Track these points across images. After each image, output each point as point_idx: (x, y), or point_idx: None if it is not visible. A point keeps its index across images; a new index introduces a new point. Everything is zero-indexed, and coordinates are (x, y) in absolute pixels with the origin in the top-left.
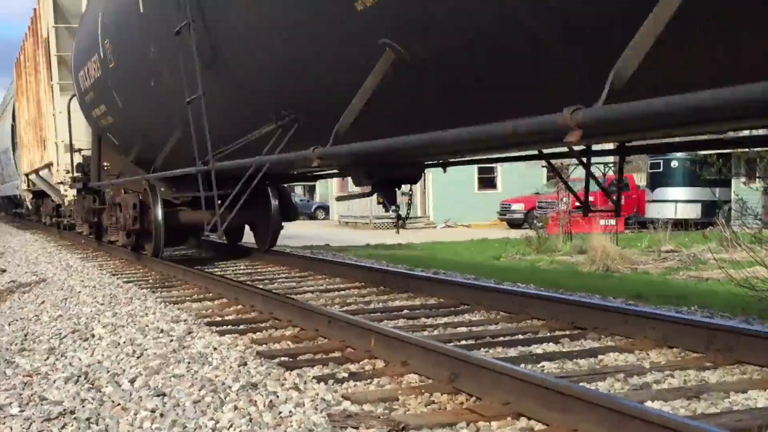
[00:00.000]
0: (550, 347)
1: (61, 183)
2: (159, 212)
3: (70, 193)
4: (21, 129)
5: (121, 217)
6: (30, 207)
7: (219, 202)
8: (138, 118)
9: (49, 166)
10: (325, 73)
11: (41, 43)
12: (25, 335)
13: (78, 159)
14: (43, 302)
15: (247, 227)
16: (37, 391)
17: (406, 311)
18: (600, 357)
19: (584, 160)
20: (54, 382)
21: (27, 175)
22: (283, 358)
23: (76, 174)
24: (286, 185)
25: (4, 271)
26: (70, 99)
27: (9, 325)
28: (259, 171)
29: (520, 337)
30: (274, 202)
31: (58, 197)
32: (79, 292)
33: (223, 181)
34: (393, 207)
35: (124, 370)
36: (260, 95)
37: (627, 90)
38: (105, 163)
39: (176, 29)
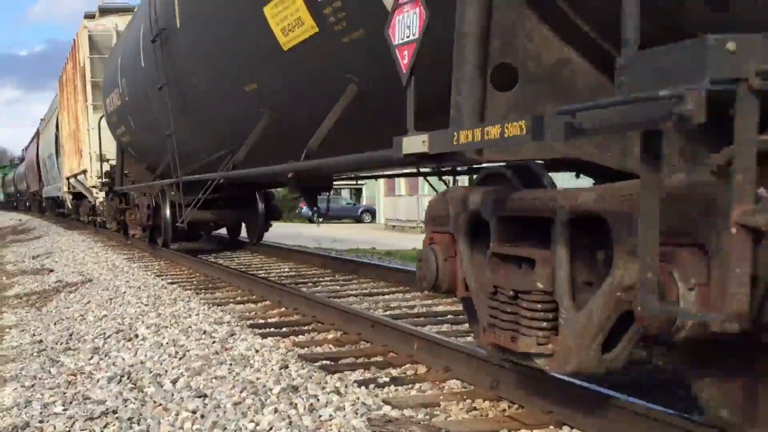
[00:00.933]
0: None
1: (94, 187)
2: (167, 212)
3: (101, 196)
4: (63, 138)
5: (138, 215)
6: (70, 207)
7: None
8: (145, 139)
9: (84, 172)
10: (241, 124)
11: (79, 69)
12: (71, 335)
13: (106, 167)
14: (88, 302)
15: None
16: (81, 390)
17: (450, 316)
18: None
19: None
20: (97, 381)
21: (68, 178)
22: (324, 362)
23: (104, 179)
24: (272, 190)
25: (52, 270)
26: (100, 118)
27: (55, 324)
28: (215, 181)
29: None
30: (261, 205)
31: (92, 198)
32: (124, 292)
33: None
34: (315, 208)
35: (166, 371)
36: (213, 132)
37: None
38: (126, 171)
39: (158, 86)
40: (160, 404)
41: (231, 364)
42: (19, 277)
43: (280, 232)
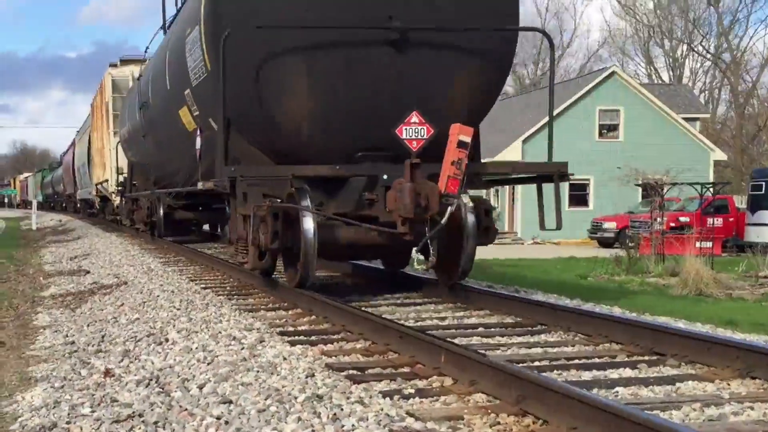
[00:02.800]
0: (626, 372)
1: (113, 192)
2: (161, 212)
3: (117, 199)
4: (93, 152)
5: (142, 213)
6: (98, 207)
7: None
8: (142, 162)
9: (106, 180)
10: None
11: (104, 104)
12: (102, 337)
13: (121, 178)
14: (122, 305)
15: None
16: (110, 392)
17: (480, 329)
18: (677, 385)
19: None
20: (126, 384)
21: (96, 185)
22: (351, 371)
23: (119, 187)
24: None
25: (88, 272)
26: (117, 142)
27: (88, 326)
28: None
29: (596, 360)
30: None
31: (113, 201)
32: (158, 296)
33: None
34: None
35: (194, 376)
36: (168, 165)
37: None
38: (135, 182)
39: (143, 134)
40: (186, 409)
41: (258, 371)
42: (55, 278)
43: None
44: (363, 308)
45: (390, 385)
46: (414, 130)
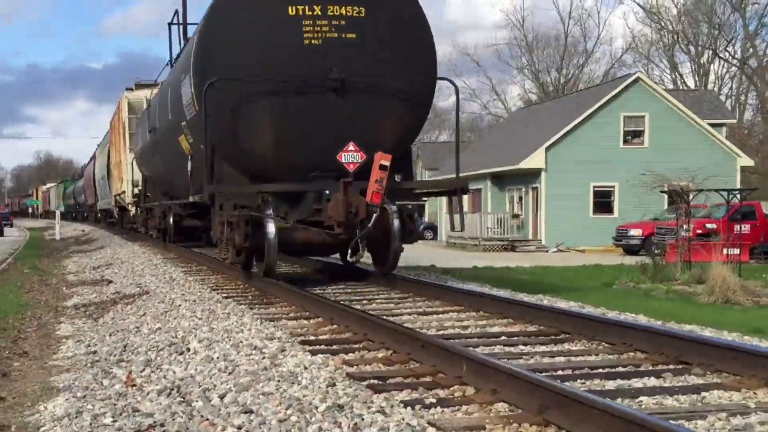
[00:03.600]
0: (651, 382)
1: (129, 203)
2: (171, 220)
3: (133, 210)
4: (112, 166)
5: (155, 221)
6: (117, 217)
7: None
8: (154, 176)
9: (123, 192)
10: (171, 171)
11: (121, 123)
12: (124, 346)
13: (136, 190)
14: (144, 314)
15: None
16: (131, 402)
17: (503, 338)
18: (703, 394)
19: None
20: (147, 394)
21: (115, 196)
22: (372, 381)
23: (134, 199)
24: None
25: (110, 282)
26: (133, 158)
27: (110, 335)
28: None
29: (620, 369)
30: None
31: (129, 211)
32: (180, 305)
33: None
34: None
35: (215, 386)
36: (173, 180)
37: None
38: (148, 193)
39: (152, 154)
40: (207, 419)
41: (279, 381)
42: (78, 288)
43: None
44: (384, 317)
45: (411, 395)
46: (351, 156)
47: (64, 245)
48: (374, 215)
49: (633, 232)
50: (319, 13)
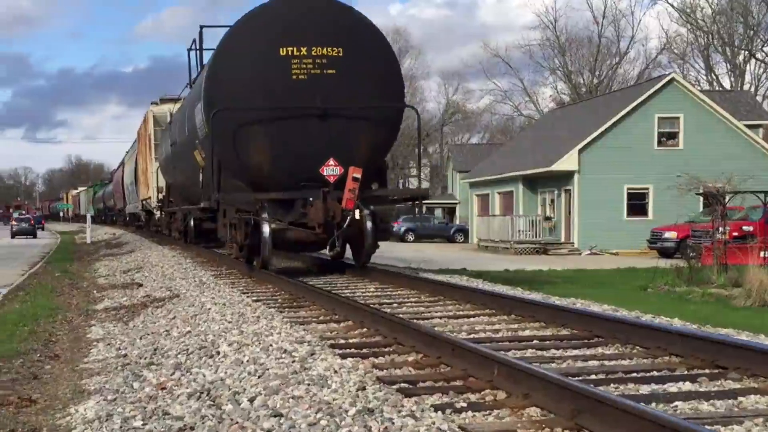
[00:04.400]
0: (686, 386)
1: (154, 208)
2: (191, 223)
3: (158, 213)
4: (139, 173)
5: (177, 224)
6: (143, 220)
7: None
8: (174, 182)
9: (149, 197)
10: (189, 180)
11: (147, 135)
12: (155, 350)
13: (160, 196)
14: (174, 318)
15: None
16: (161, 405)
17: (535, 341)
18: (739, 399)
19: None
20: (177, 397)
21: (141, 200)
22: (402, 384)
23: (159, 204)
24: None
25: (141, 285)
26: (157, 167)
27: (140, 339)
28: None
29: (655, 374)
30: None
31: (155, 215)
32: (209, 309)
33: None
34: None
35: (244, 389)
36: (193, 188)
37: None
38: (171, 199)
39: (173, 165)
40: (237, 422)
41: (309, 384)
42: (109, 291)
43: None
44: (414, 320)
45: (442, 399)
46: (331, 170)
47: (95, 249)
48: (348, 218)
49: (668, 234)
50: (305, 53)
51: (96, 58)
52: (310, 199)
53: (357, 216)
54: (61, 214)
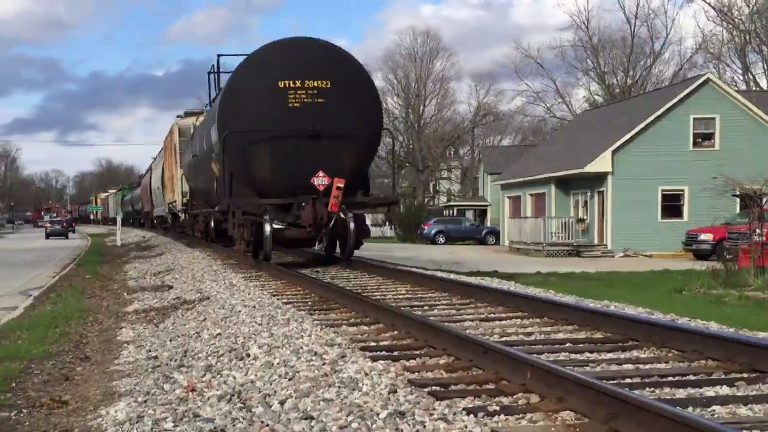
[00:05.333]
0: (723, 390)
1: (179, 211)
2: (212, 224)
3: (183, 216)
4: (165, 179)
5: (199, 225)
6: (170, 222)
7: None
8: (196, 188)
9: (175, 201)
10: (207, 187)
11: (173, 145)
12: (185, 352)
13: (185, 200)
14: (204, 320)
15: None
16: (192, 407)
17: (569, 344)
18: None
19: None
20: (208, 399)
21: (168, 204)
22: (434, 388)
23: (183, 207)
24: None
25: (171, 288)
26: (182, 174)
27: (171, 341)
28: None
29: (691, 377)
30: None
31: (180, 217)
32: (240, 311)
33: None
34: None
35: (275, 391)
36: (209, 194)
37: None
38: (194, 203)
39: (194, 174)
40: (268, 425)
41: (339, 387)
42: (139, 293)
43: (398, 255)
44: (445, 323)
45: (474, 402)
46: (320, 180)
47: (125, 251)
48: (333, 219)
49: (704, 236)
50: (299, 85)
51: (127, 62)
52: (303, 203)
53: (343, 216)
54: (92, 216)
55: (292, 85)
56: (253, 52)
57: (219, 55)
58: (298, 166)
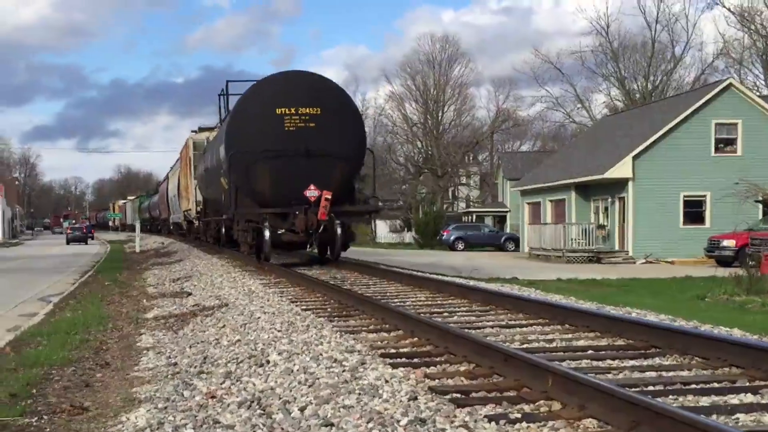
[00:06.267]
0: (748, 398)
1: (194, 218)
2: (222, 231)
3: (197, 223)
4: (181, 188)
5: (211, 231)
6: (185, 228)
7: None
8: (208, 198)
9: (189, 209)
10: (218, 197)
11: (188, 157)
12: (204, 358)
13: (198, 208)
14: (223, 326)
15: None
16: (212, 414)
17: (590, 351)
18: None
19: None
20: (228, 405)
21: (183, 212)
22: (455, 395)
23: (197, 215)
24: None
25: (190, 294)
26: (196, 185)
27: (190, 347)
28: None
29: (715, 385)
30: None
31: (194, 224)
32: (259, 318)
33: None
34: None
35: (295, 398)
36: (218, 197)
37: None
38: (207, 211)
39: (206, 186)
40: (288, 431)
41: (360, 394)
42: (158, 300)
43: (418, 261)
44: (465, 330)
45: (495, 409)
46: (311, 193)
47: (144, 258)
48: (322, 226)
49: (726, 242)
50: (294, 112)
51: (148, 69)
52: (297, 212)
53: (330, 224)
54: (111, 223)
55: (287, 111)
56: (254, 83)
57: (228, 81)
58: (292, 181)
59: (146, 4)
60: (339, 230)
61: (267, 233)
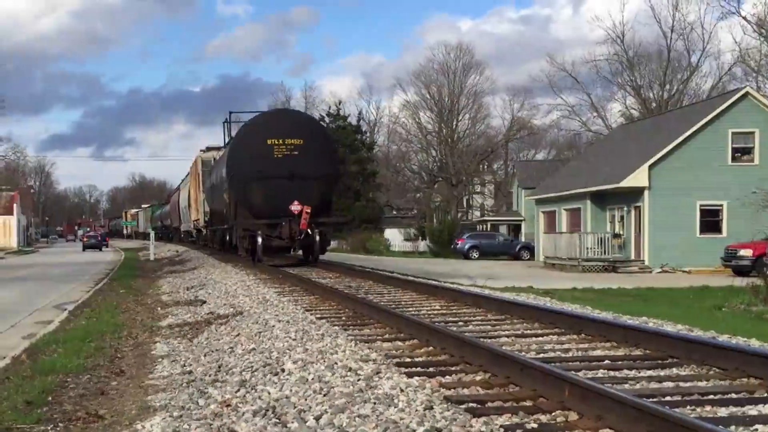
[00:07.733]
0: (766, 409)
1: (202, 227)
2: (227, 237)
3: (205, 231)
4: (191, 200)
5: (217, 239)
6: (194, 236)
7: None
8: (214, 210)
9: (198, 219)
10: (221, 206)
11: (197, 173)
12: (219, 367)
13: (206, 218)
14: (238, 335)
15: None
16: (227, 422)
17: (607, 361)
18: None
19: None
20: (243, 414)
21: (193, 221)
22: (471, 404)
23: (205, 224)
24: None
25: (204, 302)
26: (203, 197)
27: (205, 356)
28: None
29: (733, 396)
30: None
31: (203, 233)
32: (273, 326)
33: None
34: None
35: (310, 407)
36: (222, 210)
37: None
38: (213, 221)
39: (212, 200)
40: None
41: (375, 403)
42: (173, 308)
43: (433, 269)
44: (481, 339)
45: (512, 419)
46: (295, 207)
47: (159, 266)
48: (303, 234)
49: (743, 252)
50: (282, 142)
51: (165, 78)
52: (283, 223)
53: (310, 232)
54: (125, 231)
55: (276, 142)
56: (251, 118)
57: (231, 112)
58: (280, 198)
59: (165, 12)
60: (317, 237)
61: (260, 240)
